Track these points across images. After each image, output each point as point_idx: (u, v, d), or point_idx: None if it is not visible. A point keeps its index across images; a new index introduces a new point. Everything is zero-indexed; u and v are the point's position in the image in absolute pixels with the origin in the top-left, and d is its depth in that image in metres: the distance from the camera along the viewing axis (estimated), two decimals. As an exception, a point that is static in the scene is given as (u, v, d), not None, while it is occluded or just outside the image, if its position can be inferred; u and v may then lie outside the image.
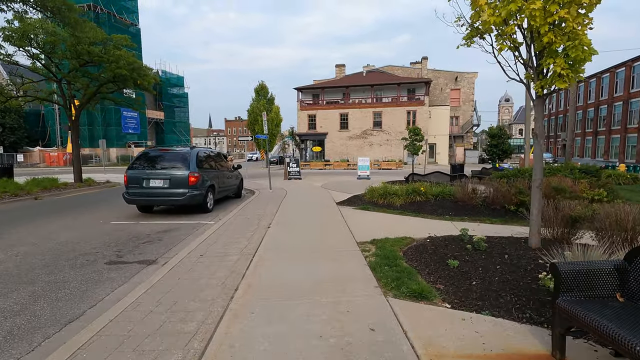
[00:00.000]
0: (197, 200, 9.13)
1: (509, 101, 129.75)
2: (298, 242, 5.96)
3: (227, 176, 11.53)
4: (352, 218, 8.00)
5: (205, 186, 9.42)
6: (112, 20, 52.01)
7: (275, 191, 13.72)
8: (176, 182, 8.80)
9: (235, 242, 5.96)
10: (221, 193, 11.02)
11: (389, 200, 9.36)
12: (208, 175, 9.83)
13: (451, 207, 8.74)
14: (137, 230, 7.59)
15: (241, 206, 10.18)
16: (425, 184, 9.99)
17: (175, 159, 9.12)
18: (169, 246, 6.26)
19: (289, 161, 19.69)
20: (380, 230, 6.76)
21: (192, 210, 9.58)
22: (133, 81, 15.94)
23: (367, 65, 53.43)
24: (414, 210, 8.76)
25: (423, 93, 41.58)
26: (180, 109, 72.82)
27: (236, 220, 7.98)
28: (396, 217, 8.11)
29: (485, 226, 7.18)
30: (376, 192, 9.98)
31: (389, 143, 41.86)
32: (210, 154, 10.66)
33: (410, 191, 9.36)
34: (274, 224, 7.38)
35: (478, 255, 4.63)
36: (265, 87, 37.57)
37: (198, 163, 9.39)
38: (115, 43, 16.42)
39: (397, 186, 10.61)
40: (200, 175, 9.14)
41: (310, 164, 36.67)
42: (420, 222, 7.63)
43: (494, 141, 16.99)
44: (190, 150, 9.35)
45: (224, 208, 10.54)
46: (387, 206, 9.20)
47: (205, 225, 7.98)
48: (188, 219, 8.77)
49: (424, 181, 11.11)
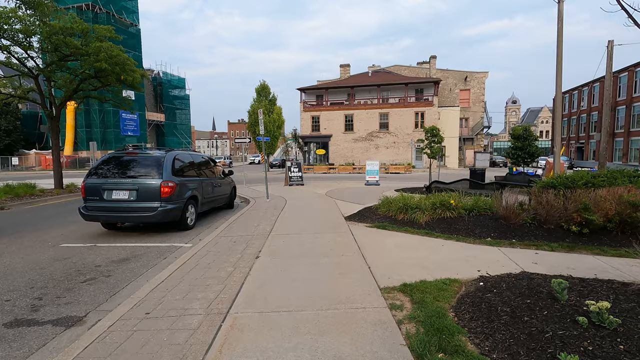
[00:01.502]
0: (173, 215, 7.36)
1: (515, 103, 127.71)
2: (294, 289, 4.15)
3: (214, 184, 9.77)
4: (368, 242, 6.18)
5: (183, 198, 7.66)
6: (111, 21, 50.77)
7: (273, 200, 11.94)
8: (145, 194, 7.04)
9: (206, 286, 4.17)
10: (207, 205, 9.26)
11: (411, 216, 7.54)
12: (189, 185, 8.07)
13: (491, 225, 6.90)
14: (87, 258, 5.82)
15: (230, 221, 8.40)
16: (453, 195, 8.17)
17: (146, 164, 7.36)
18: (115, 288, 4.48)
19: (290, 165, 17.91)
20: (409, 263, 4.94)
21: (168, 227, 7.81)
22: (116, 76, 14.26)
23: (372, 66, 51.69)
24: (444, 229, 6.93)
25: (432, 93, 39.75)
26: (182, 111, 71.53)
27: (218, 244, 6.20)
28: (424, 241, 6.29)
29: (547, 255, 5.35)
30: (394, 205, 8.16)
31: (396, 146, 40.01)
32: (193, 159, 8.91)
33: (437, 205, 7.54)
34: (265, 253, 5.57)
35: (609, 342, 2.62)
36: (267, 87, 35.84)
37: (175, 169, 7.63)
38: (97, 34, 14.79)
39: (417, 197, 8.79)
40: (176, 184, 7.38)
41: (314, 167, 34.90)
42: (458, 248, 5.80)
43: (518, 143, 15.21)
44: (166, 154, 7.58)
45: (209, 223, 8.77)
46: (410, 223, 7.38)
47: (178, 250, 6.20)
48: (160, 240, 7.00)
49: (448, 190, 9.30)
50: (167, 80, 67.18)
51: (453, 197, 7.92)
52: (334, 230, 7.19)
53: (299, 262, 5.04)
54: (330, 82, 46.29)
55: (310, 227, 7.49)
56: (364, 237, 6.55)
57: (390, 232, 6.95)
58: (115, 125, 53.20)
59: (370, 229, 7.21)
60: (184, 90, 71.25)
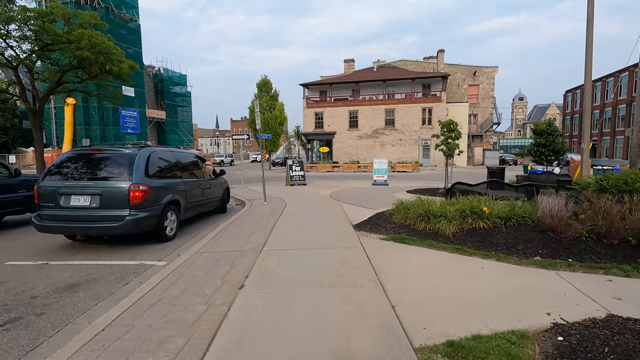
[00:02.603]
0: (146, 225, 6.09)
1: (522, 100, 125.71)
2: (286, 348, 2.86)
3: (203, 186, 8.50)
4: (386, 263, 4.86)
5: (160, 204, 6.39)
6: (110, 16, 49.72)
7: (272, 203, 10.66)
8: (110, 200, 5.77)
9: (160, 342, 2.88)
10: (193, 210, 7.99)
11: (435, 226, 6.22)
12: (168, 188, 6.80)
13: (536, 239, 5.56)
14: (28, 283, 4.56)
15: (218, 230, 7.12)
16: (482, 200, 6.83)
17: (113, 164, 6.08)
18: (37, 339, 3.20)
19: (292, 164, 16.60)
20: (447, 299, 3.63)
21: (145, 237, 6.54)
22: (99, 66, 13.00)
23: (377, 61, 50.21)
24: (477, 243, 5.61)
25: (440, 88, 38.22)
26: (183, 108, 70.44)
27: (197, 264, 4.92)
28: (457, 260, 4.97)
29: (626, 284, 4.02)
30: (412, 212, 6.84)
31: (403, 143, 38.56)
32: (176, 156, 7.62)
33: (466, 212, 6.21)
34: (252, 281, 4.27)
35: None
36: (269, 82, 34.50)
37: (150, 170, 6.35)
38: (80, 21, 13.54)
39: (438, 201, 7.47)
40: (150, 188, 6.10)
41: (317, 165, 33.59)
42: (504, 271, 4.48)
43: (541, 139, 13.78)
44: (139, 151, 6.30)
45: (195, 231, 7.50)
46: (433, 235, 6.06)
47: (146, 272, 4.93)
48: (129, 256, 5.73)
49: (474, 193, 7.96)
50: (168, 77, 66.19)
51: (484, 203, 6.58)
52: (341, 244, 5.88)
53: (296, 297, 3.74)
54: (334, 78, 44.87)
55: (312, 240, 6.18)
56: (380, 254, 5.23)
57: (411, 247, 5.63)
58: (115, 123, 52.13)
59: (386, 243, 5.89)
60: (186, 87, 70.24)
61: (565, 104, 59.72)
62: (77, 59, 12.81)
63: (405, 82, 39.41)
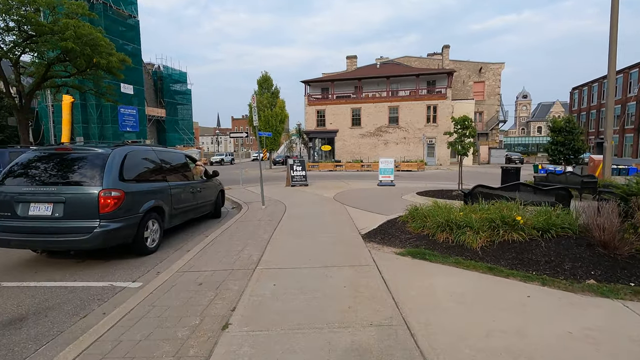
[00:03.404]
0: (120, 237, 5.20)
1: (526, 98, 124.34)
2: None
3: (193, 190, 7.60)
4: (407, 289, 3.95)
5: (139, 212, 5.49)
6: (108, 12, 48.75)
7: (270, 207, 9.76)
8: (76, 208, 4.87)
9: None
10: (180, 217, 7.10)
11: (459, 238, 5.30)
12: (149, 193, 5.91)
13: (584, 256, 4.64)
14: (-37, 315, 3.68)
15: (207, 241, 6.22)
16: (510, 206, 5.91)
17: (81, 166, 5.18)
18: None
19: (293, 163, 15.69)
20: (493, 348, 2.72)
21: (121, 250, 5.66)
22: (86, 59, 12.09)
23: (380, 58, 49.16)
24: (513, 261, 4.69)
25: (445, 85, 37.19)
26: (183, 106, 69.46)
27: (175, 289, 4.03)
28: (493, 285, 4.05)
29: None
30: (431, 220, 5.92)
31: (407, 141, 37.58)
32: (160, 156, 6.72)
33: (496, 222, 5.29)
34: (239, 318, 3.36)
35: None
36: (269, 78, 33.59)
37: (126, 172, 5.45)
38: (67, 10, 12.65)
39: (457, 206, 6.56)
40: (126, 194, 5.20)
41: (319, 165, 32.67)
42: (555, 303, 3.56)
43: (559, 137, 12.81)
44: (112, 150, 5.40)
45: (182, 241, 6.60)
46: (458, 250, 5.15)
47: (112, 299, 4.04)
48: (99, 274, 4.84)
49: (497, 198, 7.02)
50: (167, 75, 65.25)
51: (515, 211, 5.66)
52: (349, 260, 4.97)
53: (297, 343, 2.84)
54: (336, 75, 43.88)
55: (315, 255, 5.27)
56: (398, 276, 4.32)
57: (434, 265, 4.71)
58: (114, 121, 51.16)
59: (403, 259, 4.97)
60: (186, 85, 69.31)
61: (571, 102, 58.51)
62: (62, 50, 11.91)
63: (409, 79, 38.40)
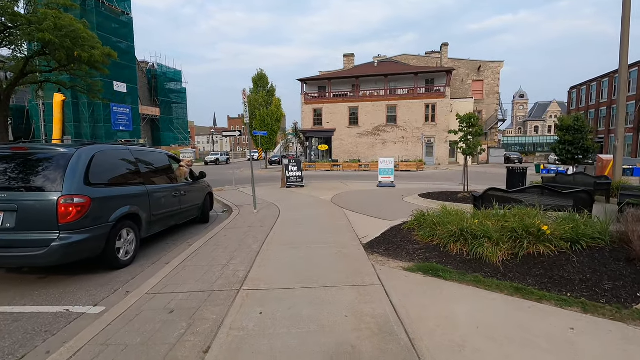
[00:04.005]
0: (85, 251, 4.47)
1: (523, 97, 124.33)
2: None
3: (176, 193, 6.88)
4: (421, 318, 3.25)
5: (109, 220, 4.76)
6: (100, 8, 47.80)
7: (263, 211, 9.04)
8: (30, 218, 4.14)
9: None
10: (162, 223, 6.37)
11: (476, 250, 4.62)
12: (124, 198, 5.18)
13: (624, 273, 3.97)
14: None
15: (189, 252, 5.49)
16: (530, 213, 5.25)
17: (39, 168, 4.45)
18: None
19: (288, 163, 14.98)
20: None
21: (92, 263, 4.92)
22: (66, 52, 11.31)
23: (378, 56, 48.52)
24: (542, 278, 4.02)
25: (444, 84, 36.59)
26: (178, 105, 68.53)
27: (139, 320, 3.31)
28: (525, 313, 3.35)
29: None
30: (441, 229, 5.24)
31: (405, 141, 36.96)
32: (136, 156, 5.97)
33: (518, 232, 4.62)
34: None
35: None
36: (265, 76, 32.78)
37: (93, 175, 4.71)
38: (46, 1, 11.86)
39: (469, 212, 5.90)
40: (92, 200, 4.47)
41: (315, 164, 31.95)
42: (609, 338, 2.88)
43: (568, 136, 12.21)
44: (77, 150, 4.67)
45: (161, 252, 5.86)
46: (475, 264, 4.47)
47: (62, 332, 3.30)
48: (55, 297, 4.10)
49: (514, 202, 6.36)
50: (162, 73, 64.34)
51: (535, 217, 4.98)
52: (351, 278, 4.27)
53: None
54: (333, 73, 43.17)
55: (311, 271, 4.56)
56: (410, 300, 3.62)
57: (450, 284, 4.02)
58: (106, 120, 50.23)
59: (413, 277, 4.27)
60: (180, 83, 68.42)
61: (570, 101, 58.10)
62: (40, 43, 11.12)
63: (408, 77, 37.76)
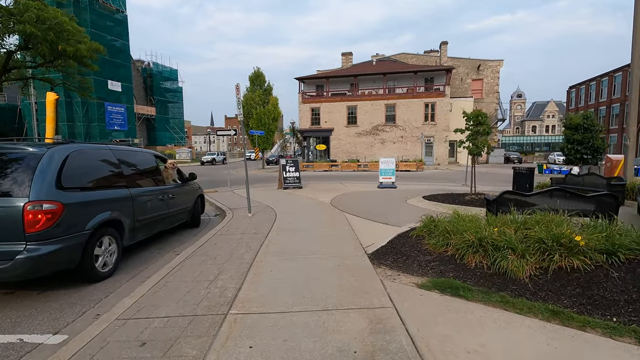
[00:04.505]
0: (58, 263, 3.90)
1: (521, 97, 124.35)
2: None
3: (163, 196, 6.29)
4: (448, 356, 2.69)
5: (85, 228, 4.18)
6: (94, 5, 47.05)
7: (257, 216, 8.45)
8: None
9: None
10: (148, 229, 5.79)
11: (499, 263, 4.06)
12: (103, 202, 4.60)
13: (674, 292, 3.44)
14: None
15: (172, 265, 4.90)
16: (557, 220, 4.71)
17: (4, 170, 3.86)
18: None
19: (285, 163, 14.40)
20: None
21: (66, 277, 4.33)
22: (49, 45, 10.67)
23: (376, 55, 47.98)
24: (579, 298, 3.46)
25: (443, 82, 36.11)
26: (174, 104, 67.77)
27: (102, 355, 2.74)
28: (569, 345, 2.78)
29: None
30: (456, 238, 4.68)
31: (404, 140, 36.45)
32: (118, 156, 5.38)
33: (547, 243, 4.07)
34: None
35: None
36: (262, 74, 32.14)
37: (66, 178, 4.12)
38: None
39: (484, 217, 5.35)
40: (65, 205, 3.89)
41: (313, 164, 31.37)
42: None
43: (577, 135, 11.75)
44: (47, 150, 4.08)
45: (143, 263, 5.27)
46: (498, 279, 3.91)
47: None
48: (10, 321, 3.51)
49: (532, 206, 5.82)
50: (158, 72, 63.63)
51: (566, 225, 4.44)
52: (357, 299, 3.68)
53: None
54: (331, 72, 42.60)
55: (310, 289, 3.98)
56: (430, 330, 3.04)
57: (474, 306, 3.45)
58: (100, 119, 49.45)
59: (430, 297, 3.69)
60: (177, 82, 67.71)
61: (569, 101, 57.83)
62: (22, 35, 10.48)
63: (407, 76, 37.25)
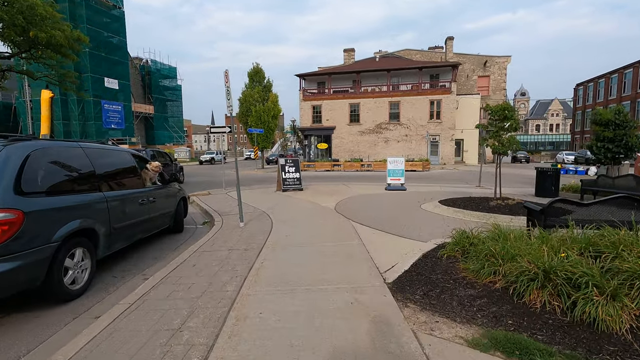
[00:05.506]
0: (18, 283, 3.03)
1: (524, 95, 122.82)
2: None
3: (143, 200, 5.15)
4: None
5: (52, 240, 3.17)
6: (90, 1, 45.81)
7: (250, 225, 7.27)
8: None
9: None
10: (126, 237, 4.71)
11: (583, 308, 2.90)
12: (73, 209, 3.53)
13: None
14: None
15: (135, 299, 3.71)
16: (632, 239, 3.56)
17: None
18: None
19: (285, 163, 13.21)
20: None
21: (31, 296, 3.19)
22: (20, 31, 9.50)
23: (379, 51, 46.75)
24: None
25: (449, 79, 34.89)
26: (173, 102, 66.62)
27: None
28: None
29: None
30: (508, 265, 3.52)
31: (409, 139, 35.23)
32: (90, 156, 4.21)
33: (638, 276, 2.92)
34: None
35: None
36: (261, 71, 30.93)
37: (27, 181, 3.08)
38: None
39: (522, 229, 4.18)
40: (26, 214, 2.87)
41: (315, 164, 30.17)
42: None
43: (607, 132, 10.50)
44: (4, 148, 3.04)
45: (95, 293, 4.10)
46: (582, 333, 2.75)
47: None
48: None
49: (596, 221, 4.64)
50: (156, 70, 62.51)
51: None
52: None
53: None
54: (333, 68, 41.38)
55: (314, 351, 2.81)
56: None
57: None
58: (97, 118, 48.34)
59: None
60: (175, 80, 66.57)
61: (576, 98, 56.53)
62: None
63: (411, 73, 36.02)
